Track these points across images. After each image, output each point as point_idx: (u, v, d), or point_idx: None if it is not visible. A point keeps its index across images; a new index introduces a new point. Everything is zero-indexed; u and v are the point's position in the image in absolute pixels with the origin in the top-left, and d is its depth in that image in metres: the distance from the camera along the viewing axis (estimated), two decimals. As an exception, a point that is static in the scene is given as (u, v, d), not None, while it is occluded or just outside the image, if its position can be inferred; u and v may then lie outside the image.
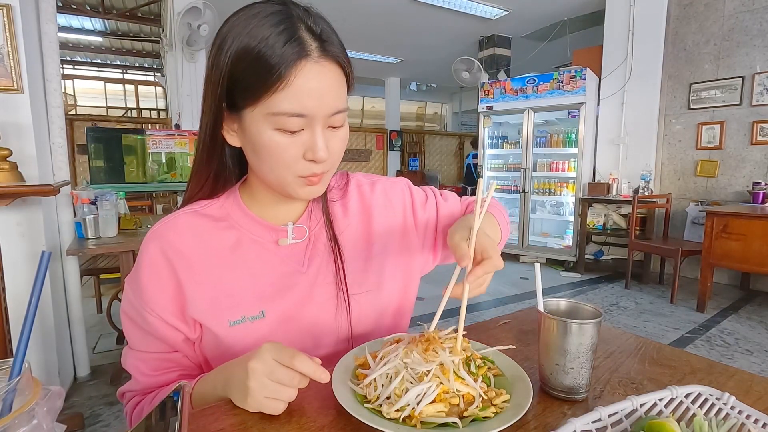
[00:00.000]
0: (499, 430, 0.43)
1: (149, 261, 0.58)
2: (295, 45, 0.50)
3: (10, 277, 1.53)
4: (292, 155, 0.54)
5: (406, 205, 0.75)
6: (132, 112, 9.64)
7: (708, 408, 0.45)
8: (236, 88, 0.52)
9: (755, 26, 3.66)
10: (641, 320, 3.09)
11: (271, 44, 0.50)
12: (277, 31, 0.50)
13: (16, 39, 1.63)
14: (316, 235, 0.66)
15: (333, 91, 0.53)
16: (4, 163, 1.50)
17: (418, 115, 13.04)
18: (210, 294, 0.59)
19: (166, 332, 0.59)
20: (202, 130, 0.59)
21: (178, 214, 0.63)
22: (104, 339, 2.64)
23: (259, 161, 0.56)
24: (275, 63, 0.49)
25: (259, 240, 0.63)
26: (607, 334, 0.72)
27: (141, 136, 2.83)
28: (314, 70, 0.51)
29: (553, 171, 4.72)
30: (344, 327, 0.65)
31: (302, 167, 0.55)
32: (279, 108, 0.51)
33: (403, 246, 0.73)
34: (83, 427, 1.76)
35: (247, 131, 0.54)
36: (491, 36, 6.46)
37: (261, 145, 0.54)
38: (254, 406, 0.47)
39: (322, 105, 0.52)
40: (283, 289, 0.62)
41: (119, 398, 0.65)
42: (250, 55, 0.50)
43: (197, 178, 0.64)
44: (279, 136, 0.53)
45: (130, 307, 0.60)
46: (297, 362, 0.47)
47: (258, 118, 0.52)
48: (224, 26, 0.54)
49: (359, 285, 0.67)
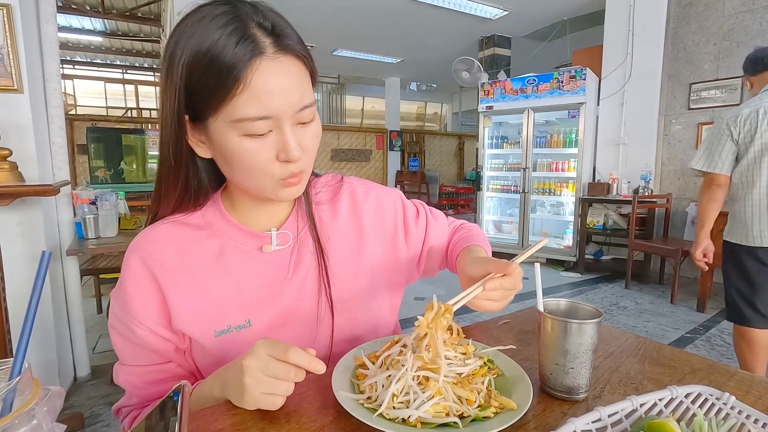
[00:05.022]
0: (499, 430, 0.43)
1: (132, 274, 0.57)
2: (247, 44, 0.47)
3: (10, 277, 1.53)
4: (264, 159, 0.51)
5: (398, 216, 0.74)
6: (132, 112, 9.63)
7: (708, 408, 0.45)
8: (195, 98, 0.50)
9: (755, 26, 3.66)
10: (641, 320, 3.09)
11: (222, 47, 0.47)
12: (226, 32, 0.47)
13: (16, 39, 1.63)
14: (302, 240, 0.65)
15: (296, 87, 0.51)
16: (4, 163, 1.50)
17: (418, 115, 13.03)
18: (194, 305, 0.58)
19: (157, 343, 0.58)
20: (163, 148, 0.56)
21: (156, 225, 0.61)
22: (104, 339, 2.64)
23: (232, 170, 0.54)
24: (229, 66, 0.47)
25: (242, 248, 0.61)
26: (607, 334, 0.72)
27: (141, 136, 2.83)
28: (272, 68, 0.49)
29: (553, 171, 4.72)
30: (327, 333, 0.64)
31: (277, 169, 0.53)
32: (241, 113, 0.48)
33: (391, 256, 0.72)
34: (83, 427, 1.76)
35: (214, 141, 0.52)
36: (491, 36, 6.46)
37: (231, 154, 0.51)
38: (252, 402, 0.47)
39: (287, 103, 0.50)
40: (268, 297, 0.61)
41: (115, 414, 0.63)
42: (202, 61, 0.48)
43: (167, 198, 0.60)
44: (247, 141, 0.50)
45: (118, 322, 0.59)
46: (291, 355, 0.47)
47: (222, 126, 0.50)
48: (172, 36, 0.51)
49: (346, 291, 0.66)
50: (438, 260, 0.78)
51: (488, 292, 0.55)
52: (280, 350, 0.47)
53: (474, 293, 0.55)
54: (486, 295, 0.56)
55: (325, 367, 0.49)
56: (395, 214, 0.74)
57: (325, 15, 5.71)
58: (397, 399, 0.46)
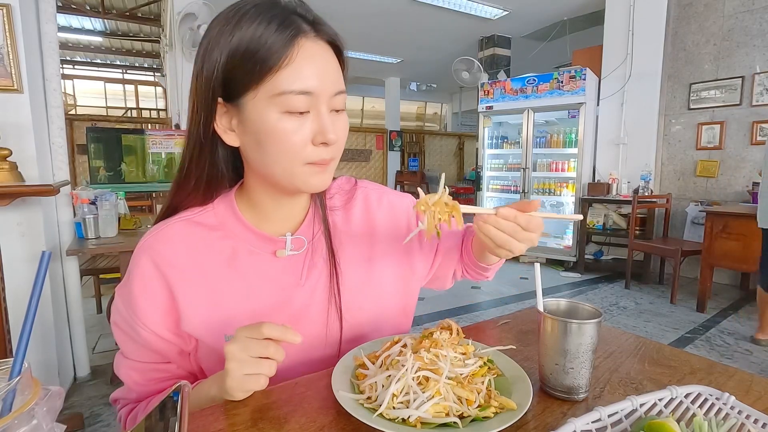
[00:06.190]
0: (499, 430, 0.43)
1: (141, 274, 0.56)
2: (291, 24, 0.51)
3: (10, 277, 1.53)
4: (300, 140, 0.52)
5: (411, 221, 0.73)
6: (132, 112, 9.63)
7: (708, 408, 0.45)
8: (234, 77, 0.51)
9: (755, 26, 3.66)
10: (641, 320, 3.09)
11: (268, 26, 0.50)
12: (270, 15, 0.50)
13: (15, 39, 1.63)
14: (315, 246, 0.64)
15: (333, 70, 0.54)
16: (3, 163, 1.50)
17: (418, 115, 13.03)
18: (205, 309, 0.57)
19: (160, 345, 0.58)
20: (192, 127, 0.56)
21: (169, 223, 0.60)
22: (104, 339, 2.64)
23: (264, 154, 0.53)
24: (276, 41, 0.49)
25: (255, 251, 0.60)
26: (607, 334, 0.72)
27: (141, 136, 2.82)
28: (313, 48, 0.52)
29: (553, 171, 4.72)
30: (335, 340, 0.63)
31: (311, 152, 0.53)
32: (284, 87, 0.50)
33: (404, 263, 0.71)
34: (83, 427, 1.76)
35: (249, 121, 0.52)
36: (491, 36, 6.46)
37: (267, 133, 0.51)
38: (236, 386, 0.48)
39: (326, 82, 0.52)
40: (279, 303, 0.60)
41: (112, 403, 0.64)
42: (249, 39, 0.50)
43: (185, 182, 0.59)
44: (286, 120, 0.51)
45: (122, 320, 0.58)
46: (264, 329, 0.48)
47: (261, 103, 0.51)
48: (212, 25, 0.53)
49: (355, 299, 0.65)
50: (453, 262, 0.77)
51: (499, 219, 0.53)
52: (255, 329, 0.49)
53: (485, 212, 0.54)
54: (496, 222, 0.54)
55: (301, 337, 0.50)
56: (408, 220, 0.73)
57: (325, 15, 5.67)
58: (397, 399, 0.46)
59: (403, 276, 0.71)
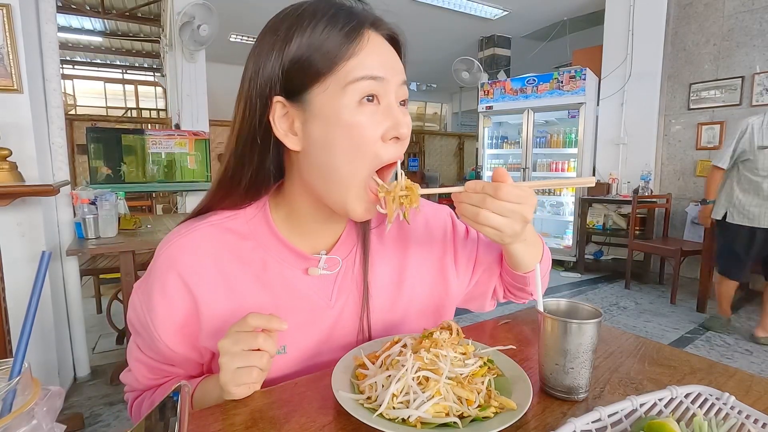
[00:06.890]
0: (499, 430, 0.43)
1: (162, 286, 0.54)
2: (357, 16, 0.51)
3: (10, 277, 1.53)
4: (373, 135, 0.50)
5: (447, 237, 0.69)
6: (132, 112, 9.62)
7: (708, 408, 0.45)
8: (301, 70, 0.50)
9: (755, 26, 3.66)
10: (641, 320, 3.09)
11: (336, 18, 0.50)
12: (336, 8, 0.51)
13: (15, 39, 1.63)
14: (346, 266, 0.61)
15: (397, 61, 0.54)
16: (3, 163, 1.50)
17: (418, 115, 13.03)
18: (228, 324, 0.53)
19: (172, 356, 0.57)
20: (244, 128, 0.53)
21: (198, 227, 0.56)
22: (104, 339, 2.64)
23: (330, 154, 0.50)
24: (346, 31, 0.49)
25: (286, 266, 0.58)
26: (607, 334, 0.72)
27: (141, 136, 2.82)
28: (379, 39, 0.53)
29: (553, 171, 4.72)
30: None
31: (382, 149, 0.51)
32: (356, 72, 0.49)
33: (438, 283, 0.67)
34: (83, 427, 1.76)
35: (319, 116, 0.50)
36: (491, 36, 6.46)
37: (339, 126, 0.49)
38: (229, 380, 0.48)
39: (395, 68, 0.52)
40: (306, 324, 0.58)
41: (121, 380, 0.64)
42: (317, 28, 0.49)
43: (230, 182, 0.55)
44: (359, 111, 0.49)
45: (138, 322, 0.57)
46: (250, 320, 0.48)
47: (333, 94, 0.49)
48: (272, 22, 0.52)
49: (381, 323, 0.62)
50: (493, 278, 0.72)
51: (468, 192, 0.50)
52: (242, 321, 0.49)
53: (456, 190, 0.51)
54: (468, 197, 0.50)
55: (287, 325, 0.49)
56: (444, 236, 0.69)
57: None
58: (397, 399, 0.46)
59: (435, 296, 0.68)
